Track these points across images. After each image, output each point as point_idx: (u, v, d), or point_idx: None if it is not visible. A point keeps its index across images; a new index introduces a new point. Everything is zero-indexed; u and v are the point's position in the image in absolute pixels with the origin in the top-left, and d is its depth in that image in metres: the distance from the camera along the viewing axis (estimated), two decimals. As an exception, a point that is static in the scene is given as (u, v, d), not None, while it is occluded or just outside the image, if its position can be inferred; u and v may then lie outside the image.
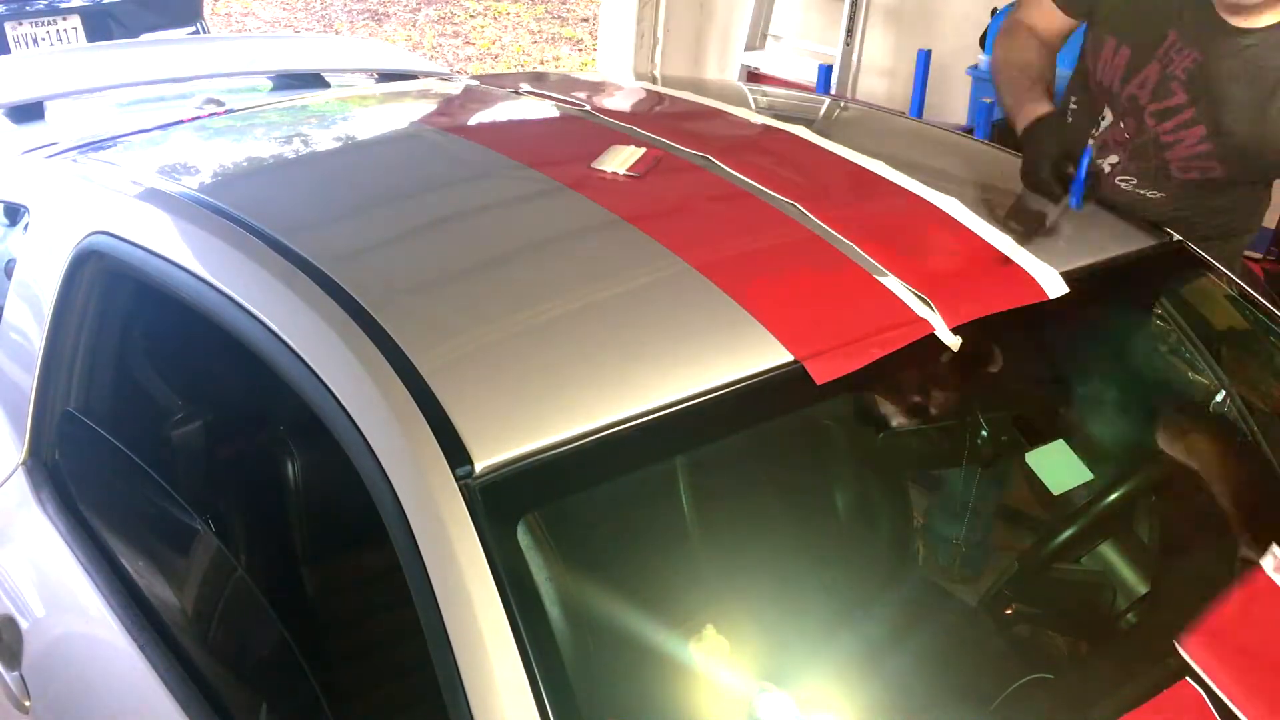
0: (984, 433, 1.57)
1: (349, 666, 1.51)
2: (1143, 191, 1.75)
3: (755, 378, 1.21)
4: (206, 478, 1.67)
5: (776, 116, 1.96)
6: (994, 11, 3.88)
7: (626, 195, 1.50)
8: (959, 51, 4.15)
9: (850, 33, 4.43)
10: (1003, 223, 1.55)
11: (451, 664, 1.00)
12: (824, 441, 1.63)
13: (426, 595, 1.03)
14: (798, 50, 4.78)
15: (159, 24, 4.77)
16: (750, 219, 1.48)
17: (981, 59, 3.86)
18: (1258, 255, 3.09)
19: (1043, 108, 1.61)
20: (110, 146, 1.88)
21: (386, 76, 2.98)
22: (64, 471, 1.62)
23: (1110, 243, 1.62)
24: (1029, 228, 1.55)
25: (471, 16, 8.18)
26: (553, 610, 1.12)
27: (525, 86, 2.02)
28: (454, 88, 2.24)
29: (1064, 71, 1.86)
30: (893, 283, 1.36)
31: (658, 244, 1.36)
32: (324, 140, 1.90)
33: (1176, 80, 1.56)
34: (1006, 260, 1.46)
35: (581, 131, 1.79)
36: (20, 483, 1.63)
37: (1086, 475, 1.53)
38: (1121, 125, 1.71)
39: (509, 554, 1.06)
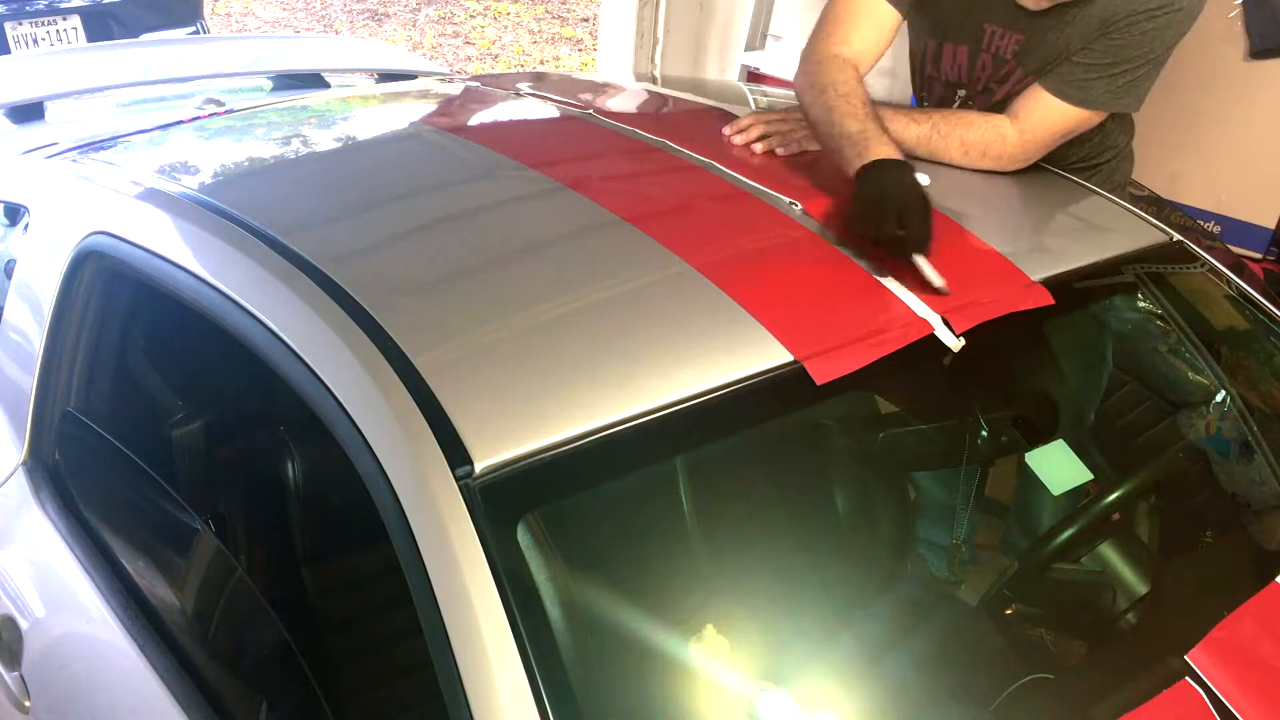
0: (984, 433, 1.57)
1: (349, 666, 1.51)
2: None
3: (755, 378, 1.21)
4: (206, 478, 1.67)
5: (776, 116, 1.95)
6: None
7: (626, 195, 1.50)
8: (959, 52, 4.14)
9: (850, 33, 4.43)
10: (1001, 225, 1.55)
11: (451, 664, 1.00)
12: (824, 441, 1.62)
13: (426, 595, 1.03)
14: (798, 50, 4.78)
15: (159, 24, 4.77)
16: (750, 219, 1.48)
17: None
18: (1258, 255, 3.09)
19: (889, 149, 1.52)
20: (110, 146, 1.88)
21: (387, 76, 2.98)
22: (64, 471, 1.62)
23: (1110, 242, 1.62)
24: (1027, 229, 1.55)
25: (471, 16, 8.18)
26: (553, 610, 1.12)
27: (525, 87, 2.02)
28: (454, 88, 2.24)
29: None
30: (892, 283, 1.36)
31: (658, 244, 1.36)
32: (324, 140, 1.90)
33: (1005, 60, 1.79)
34: (1007, 263, 1.46)
35: (581, 132, 1.79)
36: (20, 483, 1.63)
37: (1086, 475, 1.53)
38: (969, 99, 1.91)
39: (509, 554, 1.06)
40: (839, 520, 1.61)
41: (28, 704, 1.52)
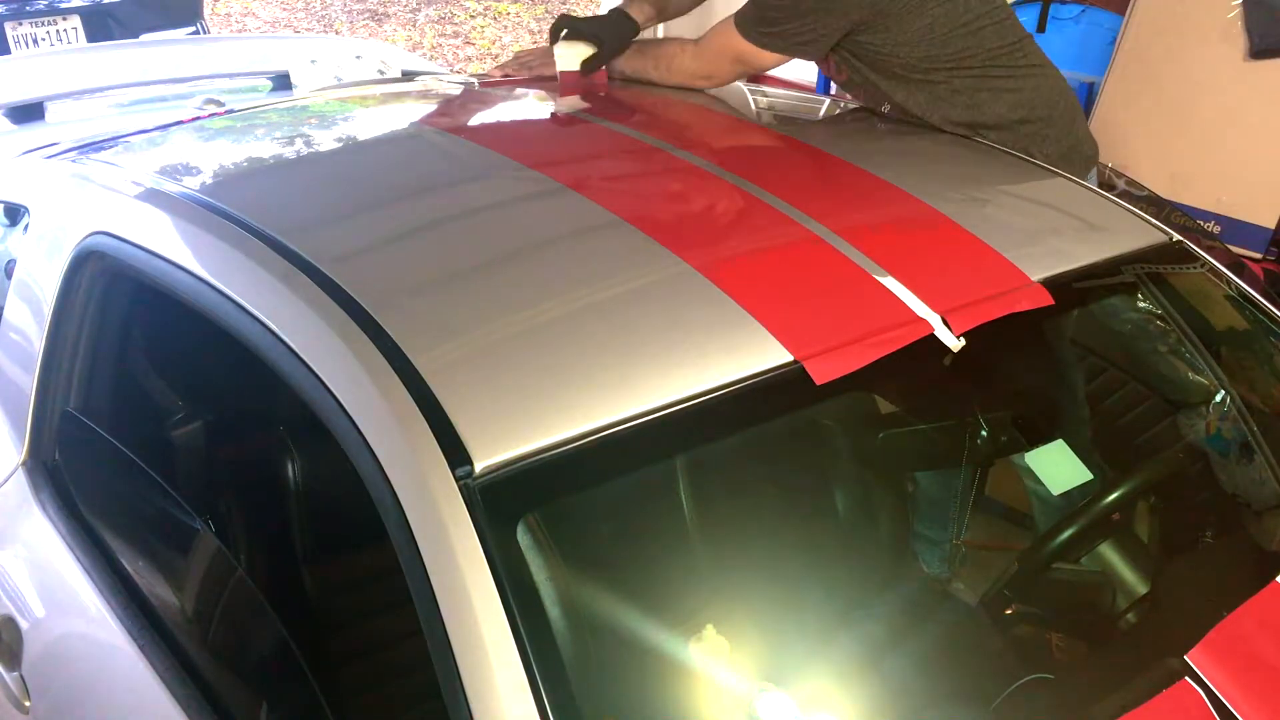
0: (984, 433, 1.57)
1: (349, 666, 1.51)
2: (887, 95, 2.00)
3: (755, 378, 1.21)
4: (206, 478, 1.67)
5: (777, 117, 1.96)
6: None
7: (626, 195, 1.50)
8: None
9: (850, 33, 4.42)
10: (1001, 225, 1.55)
11: (451, 664, 1.00)
12: (824, 441, 1.63)
13: (426, 595, 1.03)
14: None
15: (159, 24, 4.78)
16: (750, 219, 1.48)
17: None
18: (1258, 255, 3.09)
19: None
20: (110, 147, 1.88)
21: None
22: (64, 471, 1.62)
23: (1110, 242, 1.62)
24: (1027, 229, 1.55)
25: (471, 16, 8.18)
26: (553, 610, 1.12)
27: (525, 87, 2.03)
28: (454, 88, 2.24)
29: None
30: (892, 283, 1.36)
31: (658, 244, 1.36)
32: (324, 140, 1.90)
33: None
34: (1007, 263, 1.46)
35: (581, 132, 1.79)
36: (20, 483, 1.63)
37: (1086, 475, 1.53)
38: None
39: (509, 554, 1.06)
40: (839, 520, 1.61)
41: (28, 704, 1.52)
